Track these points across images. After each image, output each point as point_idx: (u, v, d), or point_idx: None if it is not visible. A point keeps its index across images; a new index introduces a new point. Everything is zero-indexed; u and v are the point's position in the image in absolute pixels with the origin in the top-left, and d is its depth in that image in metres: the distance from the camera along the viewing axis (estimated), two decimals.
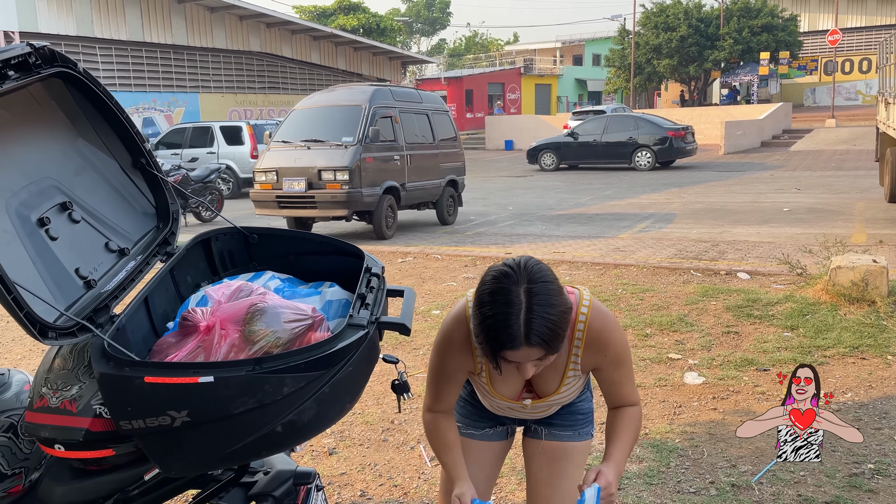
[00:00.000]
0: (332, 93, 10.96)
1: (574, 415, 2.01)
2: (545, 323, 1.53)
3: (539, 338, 1.53)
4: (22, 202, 1.57)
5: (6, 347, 5.54)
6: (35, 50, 1.55)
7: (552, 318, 1.54)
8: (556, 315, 1.55)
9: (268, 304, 1.47)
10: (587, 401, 2.05)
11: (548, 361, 1.63)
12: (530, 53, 52.96)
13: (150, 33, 22.28)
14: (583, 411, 2.03)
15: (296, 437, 1.46)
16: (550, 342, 1.55)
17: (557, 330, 1.56)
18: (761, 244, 8.37)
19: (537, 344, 1.54)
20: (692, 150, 19.92)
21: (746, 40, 36.26)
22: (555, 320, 1.55)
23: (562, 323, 1.56)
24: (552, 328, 1.54)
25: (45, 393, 1.56)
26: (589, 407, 2.05)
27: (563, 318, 1.57)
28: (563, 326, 1.57)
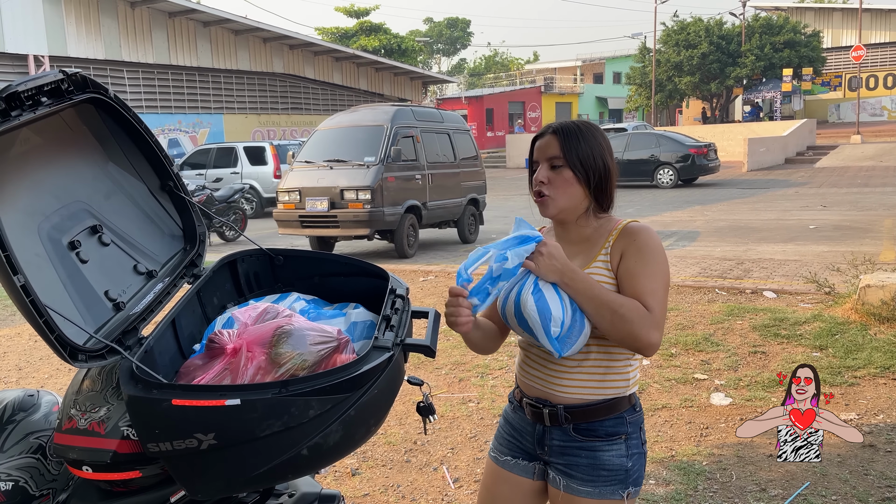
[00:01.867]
0: (355, 113, 11.07)
1: (598, 469, 1.74)
2: (567, 123, 1.78)
3: (558, 127, 1.76)
4: (54, 226, 1.59)
5: (34, 367, 5.61)
6: (67, 76, 1.58)
7: (580, 125, 1.77)
8: (585, 127, 1.77)
9: (294, 326, 1.47)
10: (619, 455, 1.75)
11: (560, 179, 1.73)
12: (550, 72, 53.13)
13: (176, 56, 22.70)
14: (609, 466, 1.74)
15: (322, 461, 1.45)
16: (567, 135, 1.74)
17: (580, 135, 1.74)
18: (787, 262, 8.26)
19: (556, 132, 1.75)
20: (715, 168, 19.79)
21: (769, 57, 36.09)
22: (581, 127, 1.77)
23: (589, 137, 1.75)
24: (575, 129, 1.75)
25: (73, 414, 1.57)
26: (620, 464, 1.74)
27: (591, 135, 1.75)
28: (588, 140, 1.74)
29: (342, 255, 2.01)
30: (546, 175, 1.75)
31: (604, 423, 1.75)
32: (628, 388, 1.77)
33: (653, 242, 1.71)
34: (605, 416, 1.75)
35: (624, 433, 1.76)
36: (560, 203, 1.75)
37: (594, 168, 1.74)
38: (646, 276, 1.67)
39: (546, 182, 1.75)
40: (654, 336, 1.61)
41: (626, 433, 1.76)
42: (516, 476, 1.88)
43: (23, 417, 1.73)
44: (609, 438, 1.75)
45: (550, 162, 1.75)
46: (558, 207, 1.76)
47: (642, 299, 1.64)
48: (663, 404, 4.22)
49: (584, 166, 1.73)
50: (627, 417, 1.77)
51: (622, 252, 1.71)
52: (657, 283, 1.67)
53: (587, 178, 1.74)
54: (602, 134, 1.80)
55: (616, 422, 1.76)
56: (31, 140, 1.60)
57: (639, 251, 1.70)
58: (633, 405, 1.79)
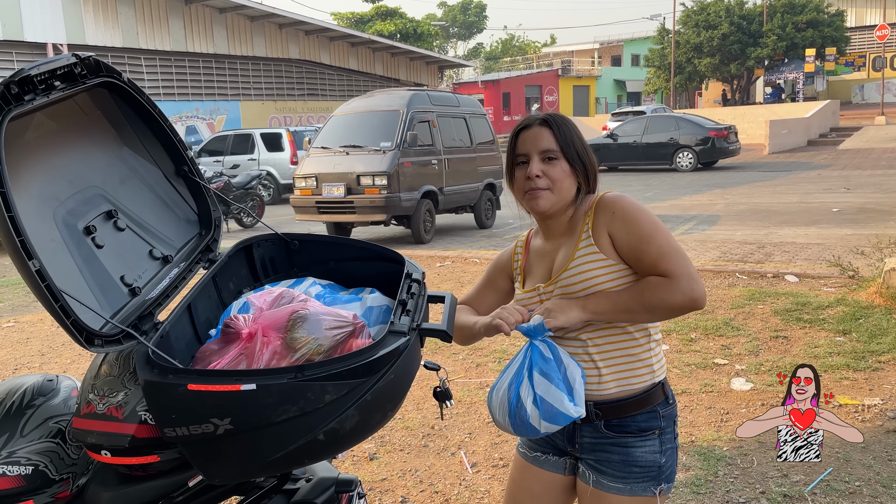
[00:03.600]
0: (370, 98, 11.03)
1: (630, 465, 1.69)
2: (556, 114, 1.76)
3: (551, 118, 1.73)
4: (69, 211, 1.59)
5: (56, 352, 5.68)
6: (80, 60, 1.57)
7: (567, 119, 1.75)
8: (567, 118, 1.76)
9: (309, 310, 1.46)
10: (652, 451, 1.69)
11: (557, 171, 1.70)
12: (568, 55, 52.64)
13: (192, 43, 22.76)
14: (642, 463, 1.69)
15: (338, 446, 1.44)
16: (560, 126, 1.71)
17: (569, 126, 1.73)
18: (810, 246, 8.15)
19: (547, 123, 1.72)
20: (735, 151, 19.54)
21: (791, 37, 35.47)
22: (566, 117, 1.76)
23: (574, 128, 1.74)
24: (564, 120, 1.74)
25: (91, 399, 1.57)
26: (653, 460, 1.69)
27: (574, 126, 1.75)
28: (575, 133, 1.72)
29: (357, 240, 2.00)
30: (541, 168, 1.70)
31: (636, 418, 1.70)
32: (654, 373, 1.71)
33: (629, 205, 1.67)
34: (638, 411, 1.69)
35: (657, 428, 1.70)
36: (556, 197, 1.71)
37: (587, 159, 1.74)
38: (645, 241, 1.63)
39: (541, 175, 1.70)
40: (691, 292, 1.56)
41: (659, 428, 1.70)
42: (547, 472, 1.84)
43: (42, 402, 1.74)
44: (642, 434, 1.69)
45: (544, 154, 1.70)
46: (553, 201, 1.71)
47: (656, 268, 1.60)
48: (683, 389, 4.18)
49: (581, 157, 1.72)
50: (661, 411, 1.71)
51: (608, 230, 1.67)
52: (659, 240, 1.62)
53: (584, 171, 1.73)
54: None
55: (649, 416, 1.70)
56: (45, 125, 1.59)
57: (623, 220, 1.66)
58: (666, 397, 1.73)
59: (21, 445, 1.68)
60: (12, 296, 7.98)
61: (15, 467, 1.66)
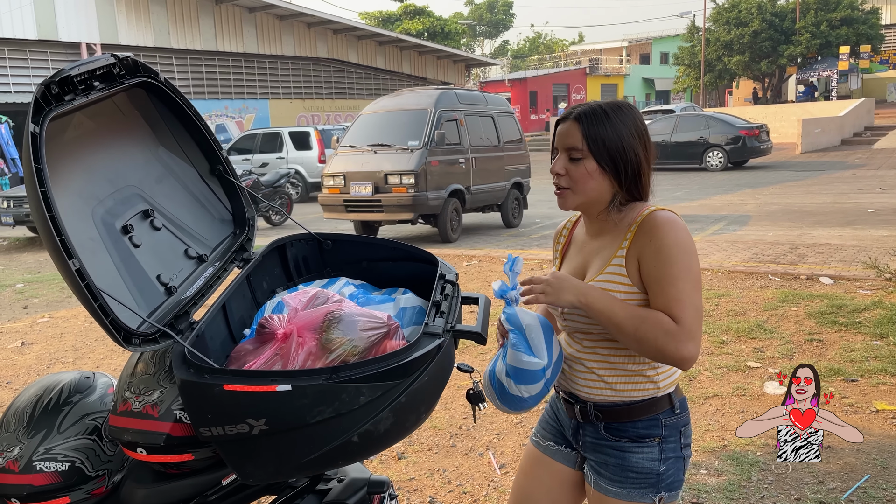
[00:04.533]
0: (398, 97, 11.05)
1: (626, 470, 1.66)
2: (593, 106, 1.64)
3: (581, 112, 1.63)
4: (107, 210, 1.60)
5: (90, 347, 5.77)
6: (119, 61, 1.58)
7: (607, 108, 1.63)
8: (613, 110, 1.63)
9: (344, 311, 1.45)
10: (650, 458, 1.66)
11: (580, 171, 1.62)
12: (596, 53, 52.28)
13: (222, 42, 23.00)
14: (638, 469, 1.66)
15: (372, 447, 1.44)
16: (593, 122, 1.61)
17: (606, 121, 1.61)
18: (844, 247, 7.98)
19: (578, 118, 1.63)
20: (767, 150, 19.23)
21: (824, 34, 34.81)
22: (608, 111, 1.63)
23: (617, 123, 1.62)
24: (601, 113, 1.62)
25: (128, 397, 1.59)
26: (651, 467, 1.65)
27: (619, 120, 1.62)
28: (616, 126, 1.61)
29: (390, 240, 1.99)
30: (563, 166, 1.65)
31: (636, 424, 1.67)
32: (659, 390, 1.66)
33: (671, 238, 1.55)
34: (639, 418, 1.66)
35: (658, 436, 1.66)
36: (579, 197, 1.65)
37: (624, 158, 1.61)
38: (668, 282, 1.53)
39: (563, 174, 1.65)
40: (685, 349, 1.49)
41: (660, 436, 1.66)
42: (557, 463, 1.83)
43: (79, 399, 1.76)
44: (640, 441, 1.66)
45: (569, 153, 1.64)
46: (577, 202, 1.66)
47: (668, 309, 1.52)
48: (714, 392, 4.12)
49: (613, 157, 1.61)
50: (664, 420, 1.66)
51: (639, 255, 1.58)
52: (682, 286, 1.52)
53: (616, 170, 1.62)
54: (635, 116, 1.66)
55: (650, 423, 1.66)
56: (84, 124, 1.61)
57: (657, 253, 1.55)
58: (672, 406, 1.68)
59: (58, 442, 1.69)
60: (47, 291, 8.13)
61: (52, 464, 1.68)
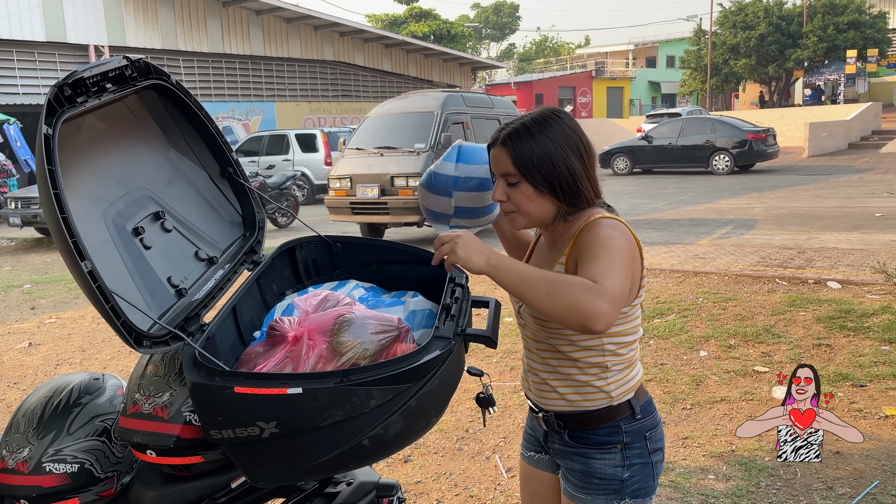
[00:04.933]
0: (405, 99, 11.06)
1: (590, 476, 1.66)
2: (517, 126, 1.58)
3: (506, 135, 1.58)
4: (118, 212, 1.61)
5: (97, 348, 5.78)
6: (131, 63, 1.58)
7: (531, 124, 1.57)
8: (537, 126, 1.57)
9: (355, 314, 1.45)
10: (612, 465, 1.65)
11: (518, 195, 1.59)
12: (602, 56, 52.23)
13: (229, 45, 23.06)
14: (601, 475, 1.65)
15: (382, 451, 1.43)
16: (518, 145, 1.56)
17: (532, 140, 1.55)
18: (852, 251, 7.95)
19: (503, 142, 1.58)
20: (773, 154, 19.17)
21: (832, 38, 34.72)
22: (532, 128, 1.57)
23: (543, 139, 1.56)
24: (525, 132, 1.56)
25: (138, 399, 1.59)
26: (613, 473, 1.64)
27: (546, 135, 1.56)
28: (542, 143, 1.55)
29: (400, 243, 1.99)
30: (503, 192, 1.61)
31: (598, 431, 1.66)
32: (612, 399, 1.64)
33: (605, 232, 1.51)
34: (599, 425, 1.66)
35: (619, 442, 1.65)
36: (524, 219, 1.62)
37: (557, 175, 1.55)
38: (593, 262, 1.46)
39: (505, 199, 1.61)
40: (599, 305, 1.35)
41: (622, 442, 1.65)
42: (542, 472, 1.87)
43: (89, 401, 1.76)
44: (602, 447, 1.66)
45: (505, 179, 1.60)
46: (523, 223, 1.64)
47: (587, 274, 1.44)
48: (722, 397, 4.10)
49: (546, 177, 1.56)
50: (624, 426, 1.65)
51: (577, 259, 1.53)
52: (608, 263, 1.45)
53: (552, 189, 1.57)
54: (564, 124, 1.60)
55: (610, 431, 1.66)
56: (96, 126, 1.61)
57: (587, 243, 1.51)
58: (633, 412, 1.66)
59: (68, 444, 1.70)
60: (54, 292, 8.15)
61: (61, 465, 1.68)
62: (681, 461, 3.41)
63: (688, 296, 6.25)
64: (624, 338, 1.63)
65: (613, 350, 1.62)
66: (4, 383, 5.08)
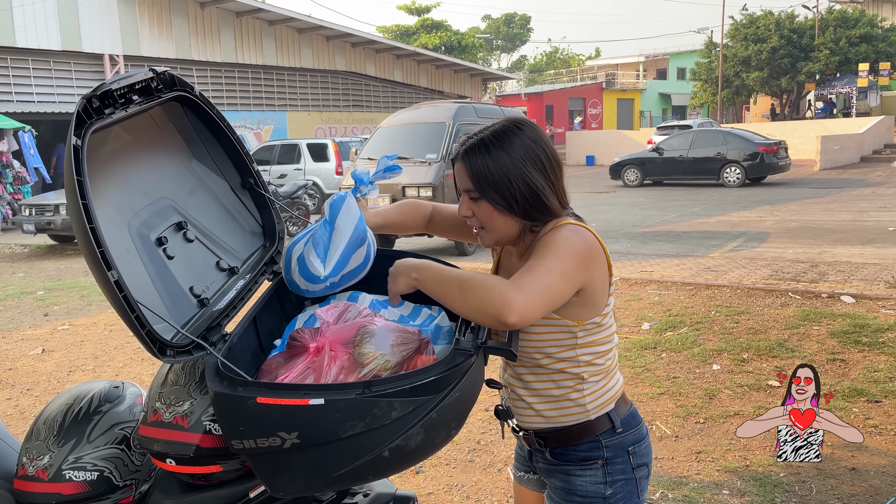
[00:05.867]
0: (417, 110, 11.10)
1: (571, 494, 1.64)
2: (475, 141, 1.56)
3: (464, 151, 1.56)
4: (143, 222, 1.62)
5: (109, 355, 5.81)
6: (157, 75, 1.60)
7: (489, 140, 1.54)
8: (495, 141, 1.54)
9: (377, 326, 1.46)
10: (593, 482, 1.63)
11: (482, 211, 1.56)
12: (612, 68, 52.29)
13: (242, 55, 23.24)
14: (582, 493, 1.63)
15: (402, 463, 1.43)
16: (474, 162, 1.53)
17: (488, 156, 1.52)
18: (866, 266, 7.90)
19: (462, 159, 1.56)
20: (785, 166, 19.10)
21: (844, 51, 34.63)
22: (485, 143, 1.54)
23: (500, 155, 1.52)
24: (482, 148, 1.54)
25: (158, 408, 1.60)
26: (595, 490, 1.62)
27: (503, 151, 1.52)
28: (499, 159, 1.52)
29: (417, 254, 1.99)
30: (468, 208, 1.59)
31: (578, 447, 1.65)
32: (588, 413, 1.62)
33: (560, 234, 1.49)
34: (579, 441, 1.64)
35: (600, 458, 1.63)
36: (492, 235, 1.61)
37: (514, 193, 1.51)
38: (531, 260, 1.45)
39: (471, 215, 1.60)
40: (510, 296, 1.34)
41: (603, 458, 1.63)
42: (531, 492, 1.88)
43: (109, 409, 1.77)
44: (582, 464, 1.64)
45: (468, 194, 1.58)
46: (492, 240, 1.63)
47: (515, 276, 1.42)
48: (735, 411, 4.08)
49: (502, 195, 1.52)
50: (604, 441, 1.63)
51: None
52: (539, 261, 1.43)
53: (510, 208, 1.53)
54: (523, 137, 1.55)
55: (591, 446, 1.64)
56: (121, 137, 1.63)
57: (539, 245, 1.49)
58: (613, 426, 1.64)
59: (87, 451, 1.71)
60: (67, 299, 8.21)
61: (81, 472, 1.69)
62: (694, 476, 3.39)
63: (700, 309, 6.22)
64: (598, 347, 1.62)
65: (589, 360, 1.61)
66: (18, 389, 5.11)
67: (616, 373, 1.70)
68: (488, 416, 4.21)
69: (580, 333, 1.58)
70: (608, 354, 1.65)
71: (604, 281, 1.56)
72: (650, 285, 7.28)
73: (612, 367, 1.67)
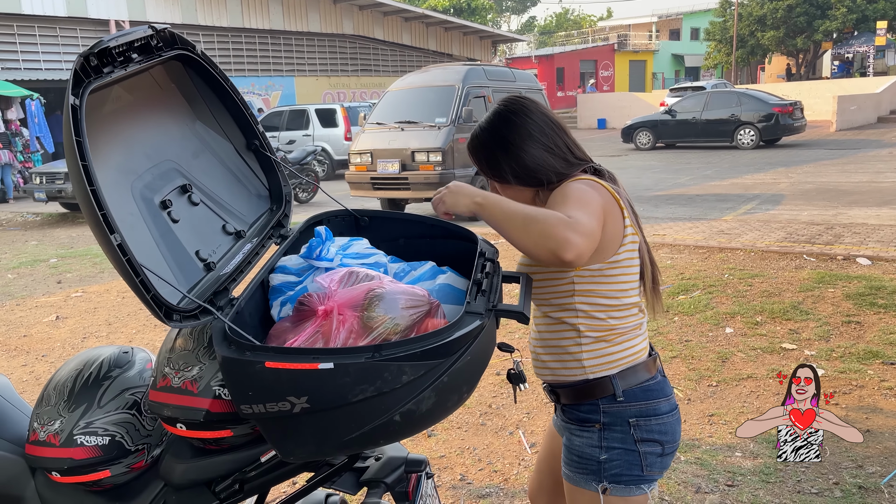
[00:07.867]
0: (426, 73, 10.95)
1: (571, 453, 1.69)
2: (475, 131, 1.73)
3: (469, 143, 1.75)
4: (146, 185, 1.59)
5: (122, 322, 5.84)
6: (156, 32, 1.55)
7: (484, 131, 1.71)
8: (489, 130, 1.69)
9: (386, 289, 1.43)
10: (589, 444, 1.65)
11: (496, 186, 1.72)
12: (624, 29, 51.38)
13: (249, 19, 22.97)
14: (579, 453, 1.67)
15: (413, 427, 1.41)
16: (477, 152, 1.72)
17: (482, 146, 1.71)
18: (882, 227, 7.79)
19: (468, 150, 1.77)
20: (801, 128, 18.78)
21: (861, 8, 33.84)
22: (482, 134, 1.71)
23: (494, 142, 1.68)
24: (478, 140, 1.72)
25: (167, 373, 1.58)
26: (590, 454, 1.65)
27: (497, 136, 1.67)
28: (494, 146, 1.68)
29: (428, 217, 1.95)
30: (491, 185, 1.77)
31: (580, 407, 1.68)
32: (586, 371, 1.64)
33: (575, 185, 1.58)
34: (581, 401, 1.67)
35: (598, 422, 1.65)
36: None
37: (514, 173, 1.67)
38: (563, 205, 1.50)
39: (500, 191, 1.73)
40: (569, 235, 1.37)
41: (600, 422, 1.64)
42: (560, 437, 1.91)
43: (118, 374, 1.76)
44: (582, 424, 1.67)
45: (486, 175, 1.75)
46: None
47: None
48: (749, 374, 4.05)
49: (503, 176, 1.69)
50: (603, 406, 1.64)
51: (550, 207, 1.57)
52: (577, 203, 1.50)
53: (518, 181, 1.68)
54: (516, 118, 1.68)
55: (590, 408, 1.66)
56: (122, 98, 1.59)
57: (557, 195, 1.57)
58: (614, 394, 1.64)
59: (98, 416, 1.70)
60: (80, 266, 8.25)
61: (93, 437, 1.68)
62: (707, 438, 3.38)
63: (713, 272, 6.17)
64: (598, 299, 1.63)
65: (587, 312, 1.63)
66: (33, 356, 5.16)
67: (630, 339, 1.67)
68: (500, 379, 4.21)
69: (577, 279, 1.62)
70: (613, 311, 1.64)
71: (614, 233, 1.61)
72: (662, 249, 7.22)
73: (622, 330, 1.65)
